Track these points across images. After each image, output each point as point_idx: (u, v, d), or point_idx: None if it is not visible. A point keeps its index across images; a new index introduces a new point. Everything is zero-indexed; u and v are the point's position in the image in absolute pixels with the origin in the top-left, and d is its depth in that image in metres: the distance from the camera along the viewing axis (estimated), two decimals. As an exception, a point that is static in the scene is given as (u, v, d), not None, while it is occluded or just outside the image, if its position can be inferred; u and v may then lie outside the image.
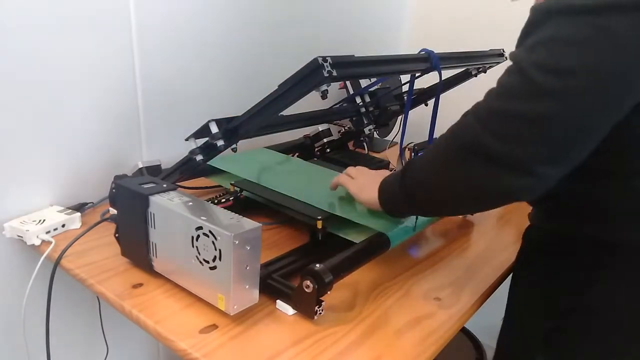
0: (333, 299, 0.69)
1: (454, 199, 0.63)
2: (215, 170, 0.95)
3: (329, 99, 0.74)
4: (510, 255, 0.88)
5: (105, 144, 0.94)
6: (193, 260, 0.62)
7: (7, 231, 0.80)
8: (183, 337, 0.59)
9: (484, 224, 1.01)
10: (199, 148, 0.79)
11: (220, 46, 1.10)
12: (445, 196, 0.63)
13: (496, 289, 0.79)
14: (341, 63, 0.63)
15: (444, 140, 0.62)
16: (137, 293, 0.67)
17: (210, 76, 1.11)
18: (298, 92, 0.65)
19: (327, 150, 1.21)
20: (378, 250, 0.72)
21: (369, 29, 1.59)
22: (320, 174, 0.99)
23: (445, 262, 0.83)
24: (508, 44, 1.09)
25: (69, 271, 0.72)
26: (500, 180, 0.56)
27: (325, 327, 0.63)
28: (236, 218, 0.62)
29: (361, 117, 1.22)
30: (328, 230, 0.78)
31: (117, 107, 0.94)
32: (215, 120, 0.77)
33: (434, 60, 0.73)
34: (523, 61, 0.53)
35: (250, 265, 0.60)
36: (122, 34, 0.91)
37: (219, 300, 0.61)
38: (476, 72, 1.08)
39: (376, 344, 0.61)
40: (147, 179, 0.71)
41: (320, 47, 1.38)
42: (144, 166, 0.87)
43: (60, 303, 0.93)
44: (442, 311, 0.69)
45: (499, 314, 0.87)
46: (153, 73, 0.98)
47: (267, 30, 1.21)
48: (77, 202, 0.89)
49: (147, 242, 0.68)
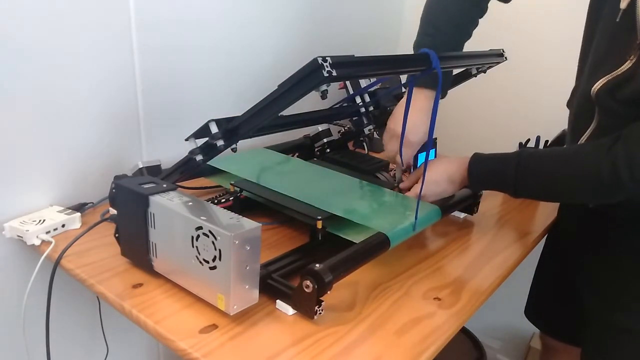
0: (333, 299, 0.69)
1: (562, 198, 0.87)
2: (215, 170, 0.95)
3: (329, 99, 0.74)
4: (510, 255, 0.88)
5: (105, 144, 0.94)
6: (193, 260, 0.62)
7: (7, 231, 0.80)
8: (183, 337, 0.59)
9: (484, 224, 1.01)
10: (199, 148, 0.79)
11: (221, 46, 1.10)
12: (554, 197, 0.86)
13: (496, 289, 0.79)
14: (341, 63, 0.62)
15: (578, 163, 0.72)
16: (137, 293, 0.67)
17: (210, 76, 1.11)
18: (298, 92, 0.65)
19: (327, 150, 1.21)
20: (378, 250, 0.72)
21: (369, 29, 1.59)
22: (320, 174, 0.99)
23: (445, 262, 0.83)
24: (508, 44, 1.09)
25: (69, 271, 0.72)
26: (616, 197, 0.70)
27: (325, 327, 0.63)
28: (236, 218, 0.62)
29: (361, 117, 1.22)
30: (328, 230, 0.78)
31: (117, 107, 0.94)
32: (215, 120, 0.77)
33: (433, 60, 0.73)
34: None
35: (250, 265, 0.60)
36: (122, 33, 0.91)
37: (218, 300, 0.61)
38: (476, 72, 1.08)
39: (376, 344, 0.61)
40: (147, 179, 0.71)
41: (320, 47, 1.39)
42: (144, 166, 0.87)
43: (60, 303, 0.93)
44: (442, 311, 0.69)
45: (499, 314, 0.87)
46: (153, 73, 0.98)
47: (267, 29, 1.21)
48: (77, 202, 0.89)
49: (147, 242, 0.68)
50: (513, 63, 1.10)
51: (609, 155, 0.67)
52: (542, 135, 1.18)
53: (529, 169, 0.77)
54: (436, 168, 0.88)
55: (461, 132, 1.60)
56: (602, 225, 0.86)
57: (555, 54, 1.40)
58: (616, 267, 0.84)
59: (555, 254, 1.07)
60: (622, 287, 0.84)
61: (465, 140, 1.57)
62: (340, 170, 1.03)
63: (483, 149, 0.86)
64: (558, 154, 0.76)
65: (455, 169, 0.86)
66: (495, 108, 1.55)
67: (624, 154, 0.65)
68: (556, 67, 1.40)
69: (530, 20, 1.41)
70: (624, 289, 0.83)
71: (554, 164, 0.75)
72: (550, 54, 1.41)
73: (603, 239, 0.87)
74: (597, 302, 0.89)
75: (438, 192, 0.88)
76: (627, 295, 0.83)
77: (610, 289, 0.86)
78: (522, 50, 1.41)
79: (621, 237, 0.83)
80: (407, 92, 0.82)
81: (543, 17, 1.38)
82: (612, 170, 0.66)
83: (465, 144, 1.54)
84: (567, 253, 1.01)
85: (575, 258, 0.97)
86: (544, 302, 1.12)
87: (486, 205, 1.08)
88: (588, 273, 0.92)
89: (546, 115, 1.36)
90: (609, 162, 0.66)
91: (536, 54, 1.43)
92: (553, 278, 1.08)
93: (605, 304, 0.86)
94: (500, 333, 1.67)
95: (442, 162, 0.88)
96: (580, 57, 0.85)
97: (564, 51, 1.38)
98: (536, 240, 0.97)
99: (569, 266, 1.00)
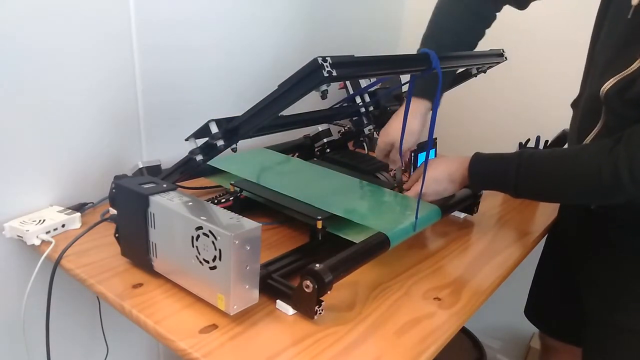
0: (333, 299, 0.69)
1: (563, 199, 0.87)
2: (215, 170, 0.95)
3: (329, 99, 0.74)
4: (510, 256, 0.88)
5: (105, 144, 0.94)
6: (193, 260, 0.62)
7: (7, 231, 0.80)
8: (183, 337, 0.59)
9: (484, 224, 1.01)
10: (199, 148, 0.79)
11: (221, 46, 1.10)
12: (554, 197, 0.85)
13: (496, 289, 0.79)
14: (341, 63, 0.62)
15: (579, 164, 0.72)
16: (137, 293, 0.67)
17: (210, 76, 1.11)
18: (298, 92, 0.65)
19: (327, 150, 1.21)
20: (378, 250, 0.72)
21: (369, 29, 1.59)
22: (320, 174, 0.99)
23: (445, 262, 0.83)
24: (508, 44, 1.09)
25: (69, 271, 0.72)
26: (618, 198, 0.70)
27: (325, 327, 0.63)
28: (236, 218, 0.62)
29: (361, 117, 1.22)
30: (328, 230, 0.78)
31: (117, 107, 0.94)
32: (215, 120, 0.77)
33: (433, 60, 0.73)
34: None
35: (250, 265, 0.60)
36: (122, 33, 0.91)
37: (218, 300, 0.61)
38: (476, 72, 1.08)
39: (376, 344, 0.61)
40: (147, 179, 0.71)
41: (320, 47, 1.39)
42: (144, 166, 0.87)
43: (60, 303, 0.93)
44: (442, 311, 0.69)
45: (499, 314, 0.87)
46: (153, 73, 0.98)
47: (267, 30, 1.21)
48: (77, 202, 0.89)
49: (147, 242, 0.68)
50: (513, 63, 1.10)
51: (610, 157, 0.67)
52: (542, 135, 1.18)
53: (530, 169, 0.77)
54: (437, 166, 0.88)
55: (461, 132, 1.60)
56: (603, 225, 0.86)
57: (555, 54, 1.40)
58: (616, 267, 0.84)
59: (556, 254, 1.07)
60: (622, 288, 0.84)
61: (465, 140, 1.57)
62: (340, 170, 1.03)
63: (483, 149, 0.86)
64: (559, 155, 0.76)
65: (455, 168, 0.86)
66: (495, 108, 1.56)
67: (625, 155, 0.65)
68: (556, 67, 1.40)
69: (530, 20, 1.41)
70: (624, 289, 0.83)
71: (555, 165, 0.75)
72: (550, 54, 1.41)
73: (603, 239, 0.87)
74: (597, 302, 0.89)
75: (439, 191, 0.88)
76: (627, 295, 0.83)
77: (610, 289, 0.86)
78: (522, 50, 1.41)
79: (621, 238, 0.83)
80: (408, 92, 0.82)
81: (543, 17, 1.38)
82: (613, 171, 0.66)
83: (465, 144, 1.54)
84: (567, 253, 1.01)
85: (575, 258, 0.97)
86: (544, 302, 1.12)
87: (486, 205, 1.08)
88: (588, 273, 0.92)
89: (546, 115, 1.36)
90: (610, 164, 0.66)
91: (536, 54, 1.43)
92: (553, 278, 1.08)
93: (605, 304, 0.86)
94: (500, 333, 1.67)
95: (442, 161, 0.88)
96: (588, 57, 0.84)
97: (564, 51, 1.38)
98: (536, 240, 0.97)
99: (568, 266, 1.00)
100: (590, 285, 0.91)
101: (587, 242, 0.91)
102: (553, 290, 1.08)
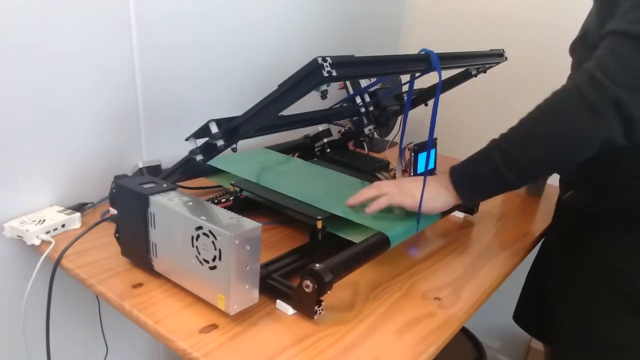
0: (333, 299, 0.69)
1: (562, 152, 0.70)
2: (215, 170, 0.95)
3: (329, 99, 0.74)
4: (510, 256, 0.88)
5: (105, 144, 0.94)
6: (193, 260, 0.62)
7: (7, 231, 0.80)
8: (183, 336, 0.59)
9: (484, 224, 1.01)
10: (199, 148, 0.79)
11: (221, 46, 1.10)
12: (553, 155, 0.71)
13: (496, 289, 0.79)
14: (341, 63, 0.63)
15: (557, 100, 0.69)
16: (137, 293, 0.67)
17: (210, 76, 1.11)
18: (298, 92, 0.65)
19: (327, 150, 1.21)
20: (378, 250, 0.72)
21: (369, 29, 1.59)
22: (320, 174, 0.99)
23: (445, 262, 0.83)
24: (508, 44, 1.10)
25: (69, 271, 0.72)
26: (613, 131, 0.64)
27: (325, 327, 0.63)
28: (236, 218, 0.62)
29: (361, 117, 1.22)
30: (328, 230, 0.78)
31: (117, 107, 0.94)
32: (215, 120, 0.77)
33: (433, 60, 0.73)
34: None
35: (250, 265, 0.60)
36: (122, 33, 0.91)
37: (218, 300, 0.61)
38: (476, 72, 1.08)
39: (376, 344, 0.61)
40: (147, 179, 0.71)
41: (320, 47, 1.39)
42: (144, 166, 0.87)
43: (60, 303, 0.93)
44: (442, 311, 0.69)
45: (499, 314, 0.87)
46: (153, 73, 0.98)
47: (267, 29, 1.21)
48: (77, 202, 0.89)
49: (147, 242, 0.68)
50: (513, 63, 1.10)
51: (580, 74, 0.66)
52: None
53: (511, 141, 0.73)
54: (427, 186, 0.78)
55: (461, 132, 1.60)
56: (590, 230, 0.85)
57: (555, 54, 1.40)
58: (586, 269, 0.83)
59: (543, 259, 1.06)
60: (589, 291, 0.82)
61: (465, 140, 1.57)
62: (340, 170, 1.03)
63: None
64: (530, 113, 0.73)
65: (439, 180, 0.79)
66: (495, 108, 1.56)
67: (592, 64, 0.65)
68: (556, 67, 1.40)
69: (530, 20, 1.41)
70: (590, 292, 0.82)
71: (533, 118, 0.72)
72: (550, 54, 1.41)
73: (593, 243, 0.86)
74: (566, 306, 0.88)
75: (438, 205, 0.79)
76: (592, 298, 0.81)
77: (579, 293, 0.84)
78: (522, 50, 1.41)
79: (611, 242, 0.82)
80: (408, 92, 0.82)
81: (543, 17, 1.38)
82: (589, 78, 0.64)
83: (465, 144, 1.54)
84: (551, 257, 1.00)
85: (554, 261, 0.96)
86: (531, 307, 1.09)
87: (486, 205, 1.08)
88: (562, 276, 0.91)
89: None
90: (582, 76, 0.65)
91: (537, 54, 1.43)
92: (537, 283, 1.06)
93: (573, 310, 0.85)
94: (500, 333, 1.67)
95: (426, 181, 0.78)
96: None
97: (564, 51, 1.38)
98: (536, 240, 0.98)
99: (548, 269, 0.99)
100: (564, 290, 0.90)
101: (574, 247, 0.90)
102: (539, 295, 1.05)
